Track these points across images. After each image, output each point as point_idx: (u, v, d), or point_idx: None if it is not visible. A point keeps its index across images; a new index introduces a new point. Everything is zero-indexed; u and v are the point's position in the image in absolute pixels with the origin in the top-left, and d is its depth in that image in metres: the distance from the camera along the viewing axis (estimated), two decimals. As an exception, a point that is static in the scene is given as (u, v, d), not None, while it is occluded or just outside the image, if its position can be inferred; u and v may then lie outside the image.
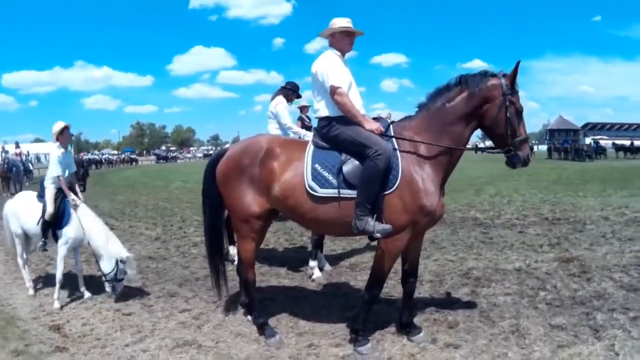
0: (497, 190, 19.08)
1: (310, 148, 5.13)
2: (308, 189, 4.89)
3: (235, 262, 8.20)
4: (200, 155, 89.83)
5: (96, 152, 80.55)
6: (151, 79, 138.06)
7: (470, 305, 6.21)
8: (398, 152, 4.83)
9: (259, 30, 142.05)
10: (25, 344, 5.77)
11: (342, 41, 5.30)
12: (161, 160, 75.05)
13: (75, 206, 7.21)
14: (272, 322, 5.90)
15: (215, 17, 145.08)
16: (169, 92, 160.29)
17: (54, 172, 7.29)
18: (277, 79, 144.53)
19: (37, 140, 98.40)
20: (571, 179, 23.45)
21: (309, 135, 7.90)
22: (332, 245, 10.13)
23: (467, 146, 5.30)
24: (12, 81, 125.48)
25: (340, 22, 5.24)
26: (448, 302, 6.35)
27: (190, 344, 5.59)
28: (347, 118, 4.96)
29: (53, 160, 7.33)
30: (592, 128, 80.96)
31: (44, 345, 5.77)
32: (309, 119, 9.85)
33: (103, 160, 71.29)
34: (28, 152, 26.63)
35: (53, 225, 7.25)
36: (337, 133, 5.00)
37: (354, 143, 4.84)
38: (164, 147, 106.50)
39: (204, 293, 7.51)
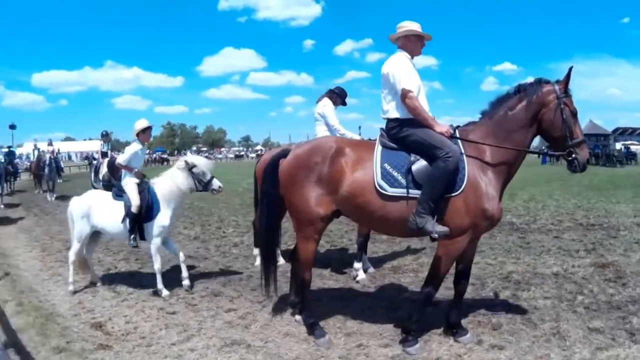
0: (530, 195, 19.43)
1: (378, 148, 5.33)
2: (378, 187, 5.08)
3: (279, 263, 8.24)
4: (231, 155, 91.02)
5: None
6: (181, 80, 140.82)
7: (512, 308, 6.41)
8: (464, 156, 5.09)
9: (288, 32, 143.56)
10: (67, 341, 5.81)
11: (416, 44, 5.55)
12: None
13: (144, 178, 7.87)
14: (320, 322, 5.97)
15: (245, 18, 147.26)
16: (199, 93, 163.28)
17: (121, 159, 7.96)
18: (307, 81, 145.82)
19: (68, 139, 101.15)
20: (603, 185, 23.50)
21: (356, 138, 8.01)
22: (374, 247, 10.16)
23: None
24: (42, 81, 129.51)
25: (415, 26, 5.49)
26: (491, 305, 6.52)
27: (239, 344, 5.62)
28: (416, 120, 5.20)
29: (129, 152, 7.93)
30: (623, 133, 79.91)
31: (87, 343, 5.80)
32: None
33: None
34: (59, 149, 27.07)
35: (140, 219, 7.50)
36: (406, 134, 5.23)
37: (424, 144, 5.07)
38: (194, 148, 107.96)
39: (248, 293, 7.57)
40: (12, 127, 50.06)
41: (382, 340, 5.51)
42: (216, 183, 7.77)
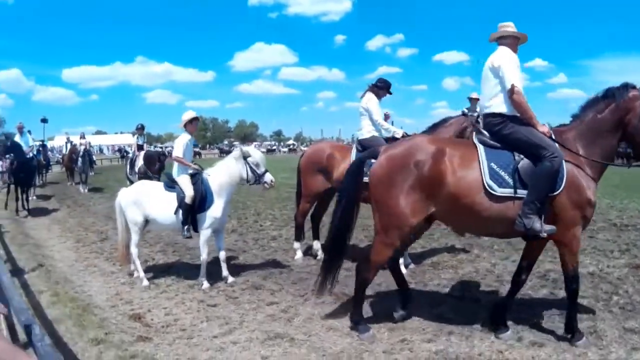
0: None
1: (479, 147, 5.37)
2: (487, 188, 5.13)
3: (319, 257, 8.42)
4: (263, 150, 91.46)
5: (159, 145, 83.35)
6: (212, 75, 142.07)
7: (551, 306, 6.44)
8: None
9: (319, 27, 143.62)
10: (105, 333, 5.79)
11: (513, 44, 5.65)
12: (224, 154, 76.50)
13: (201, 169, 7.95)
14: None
15: (276, 14, 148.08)
16: (230, 88, 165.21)
17: (177, 152, 7.94)
18: (338, 76, 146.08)
19: (99, 132, 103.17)
20: (635, 185, 22.87)
21: (398, 133, 8.07)
22: (413, 243, 9.91)
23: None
24: (72, 76, 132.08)
25: (512, 27, 5.66)
26: (530, 303, 6.59)
27: (282, 337, 5.61)
28: (520, 118, 5.32)
29: (179, 143, 8.02)
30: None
31: (125, 335, 5.78)
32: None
33: (166, 153, 73.63)
34: (90, 142, 27.47)
35: (194, 210, 7.57)
36: (511, 131, 5.30)
37: (529, 143, 5.16)
38: (226, 142, 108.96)
39: (289, 286, 7.56)
40: (44, 120, 50.72)
41: (425, 335, 5.58)
42: (269, 177, 7.76)
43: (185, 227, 7.61)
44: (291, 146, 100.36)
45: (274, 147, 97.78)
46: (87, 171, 23.06)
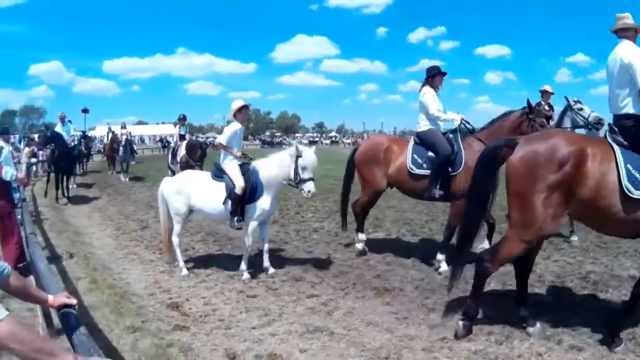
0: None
1: (616, 147, 5.17)
2: (626, 190, 4.98)
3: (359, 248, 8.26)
4: (305, 141, 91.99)
5: (200, 135, 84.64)
6: (254, 66, 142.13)
7: (591, 308, 6.29)
8: None
9: (361, 19, 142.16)
10: (142, 321, 5.81)
11: (634, 37, 5.41)
12: (266, 145, 77.13)
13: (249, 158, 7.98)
14: (403, 312, 6.16)
15: (317, 6, 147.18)
16: (272, 80, 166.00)
17: (221, 139, 7.96)
18: (380, 69, 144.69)
19: (140, 123, 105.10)
20: None
21: (457, 119, 7.90)
22: (454, 240, 9.70)
23: None
24: (112, 67, 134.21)
25: (630, 18, 5.42)
26: (571, 305, 6.45)
27: (321, 330, 5.56)
28: None
29: (228, 131, 7.94)
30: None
31: (162, 323, 5.79)
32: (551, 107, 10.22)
33: (208, 143, 74.85)
34: (130, 132, 27.96)
35: (243, 200, 7.53)
36: None
37: None
38: (268, 133, 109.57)
39: (330, 279, 7.49)
40: (85, 111, 52.18)
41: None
42: (310, 186, 7.43)
43: (235, 217, 7.55)
44: (333, 138, 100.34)
45: (316, 139, 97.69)
46: (128, 160, 23.47)
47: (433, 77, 8.22)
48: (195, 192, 7.71)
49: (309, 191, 7.41)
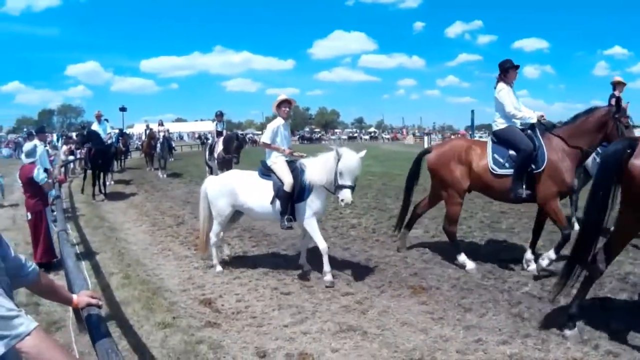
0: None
1: None
2: None
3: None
4: (344, 137, 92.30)
5: (239, 131, 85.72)
6: (292, 63, 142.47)
7: (630, 312, 6.09)
8: None
9: (397, 14, 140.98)
10: (173, 317, 5.82)
11: None
12: (305, 141, 77.47)
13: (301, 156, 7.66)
14: (439, 312, 6.06)
15: (353, 1, 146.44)
16: (310, 76, 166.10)
17: (264, 138, 7.70)
18: (418, 63, 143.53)
19: (179, 120, 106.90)
20: None
21: (533, 117, 7.51)
22: (492, 236, 9.78)
23: None
24: (150, 66, 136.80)
25: None
26: (609, 307, 6.28)
27: (355, 330, 5.50)
28: None
29: (268, 129, 7.70)
30: None
31: (194, 320, 5.79)
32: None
33: (247, 139, 75.96)
34: (168, 129, 28.38)
35: (292, 199, 7.29)
36: None
37: None
38: (307, 129, 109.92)
39: (366, 277, 7.40)
40: (123, 109, 53.31)
41: (501, 337, 5.40)
42: (346, 195, 6.82)
43: (285, 217, 7.27)
44: (372, 134, 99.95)
45: (356, 135, 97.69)
46: (166, 157, 23.74)
47: (506, 71, 7.92)
48: (242, 191, 7.52)
49: (342, 200, 6.85)
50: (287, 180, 7.17)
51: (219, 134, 17.62)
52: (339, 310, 6.07)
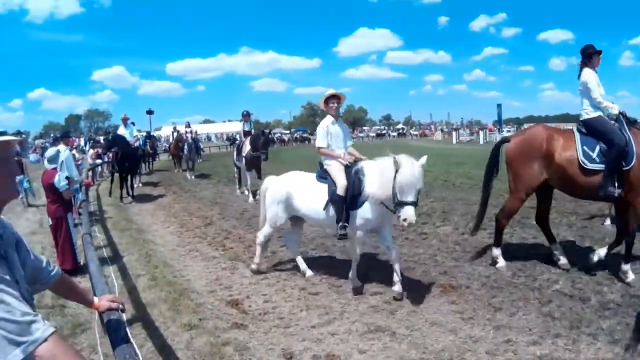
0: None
1: None
2: None
3: (561, 262, 7.37)
4: (373, 134, 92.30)
5: (267, 131, 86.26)
6: (318, 62, 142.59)
7: None
8: None
9: (421, 9, 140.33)
10: (200, 318, 5.82)
11: None
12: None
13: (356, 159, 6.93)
14: (468, 312, 5.95)
15: None
16: (337, 74, 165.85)
17: (318, 143, 7.16)
18: (444, 59, 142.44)
19: (207, 121, 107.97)
20: None
21: (615, 108, 7.01)
22: (523, 233, 9.59)
23: None
24: (176, 69, 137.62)
25: None
26: None
27: (383, 330, 5.44)
28: None
29: (318, 132, 7.25)
30: None
31: (220, 321, 5.78)
32: None
33: (275, 139, 76.40)
34: (196, 131, 28.77)
35: (345, 202, 6.62)
36: None
37: None
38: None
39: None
40: (150, 112, 54.11)
41: (531, 337, 5.29)
42: (410, 213, 5.84)
43: (340, 224, 6.61)
44: (400, 130, 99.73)
45: (384, 132, 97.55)
46: (194, 158, 24.00)
47: (590, 57, 7.44)
48: (298, 196, 7.10)
49: (404, 220, 5.84)
50: (341, 183, 6.59)
51: (247, 133, 17.63)
52: (367, 311, 6.02)
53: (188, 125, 27.60)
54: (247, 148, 16.21)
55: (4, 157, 2.09)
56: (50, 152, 8.55)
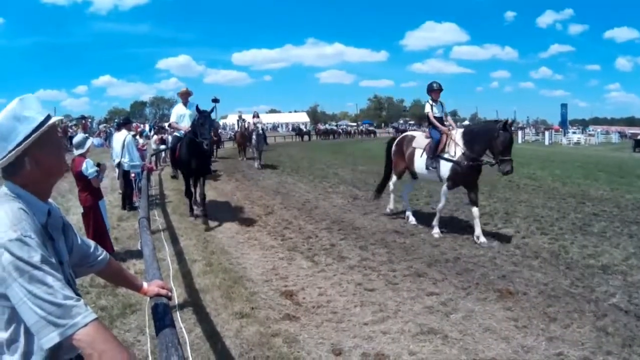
0: None
1: None
2: None
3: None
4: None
5: (333, 123, 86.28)
6: (385, 54, 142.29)
7: None
8: None
9: (488, 4, 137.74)
10: (252, 307, 5.83)
11: None
12: (399, 133, 77.64)
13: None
14: (523, 320, 5.76)
15: None
16: (404, 67, 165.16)
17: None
18: (511, 55, 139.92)
19: (273, 111, 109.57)
20: None
21: None
22: (584, 241, 9.16)
23: None
24: (242, 59, 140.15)
25: None
26: None
27: (436, 333, 5.32)
28: None
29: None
30: None
31: (272, 311, 5.77)
32: None
33: (341, 131, 76.59)
34: (262, 121, 29.28)
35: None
36: None
37: None
38: (402, 120, 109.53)
39: (453, 277, 7.14)
40: (216, 100, 54.70)
41: (583, 352, 5.04)
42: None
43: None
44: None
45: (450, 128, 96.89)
46: (261, 148, 24.18)
47: None
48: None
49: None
50: None
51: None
52: (421, 311, 5.90)
53: (257, 116, 27.91)
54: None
55: (56, 139, 2.10)
56: (78, 138, 8.03)
